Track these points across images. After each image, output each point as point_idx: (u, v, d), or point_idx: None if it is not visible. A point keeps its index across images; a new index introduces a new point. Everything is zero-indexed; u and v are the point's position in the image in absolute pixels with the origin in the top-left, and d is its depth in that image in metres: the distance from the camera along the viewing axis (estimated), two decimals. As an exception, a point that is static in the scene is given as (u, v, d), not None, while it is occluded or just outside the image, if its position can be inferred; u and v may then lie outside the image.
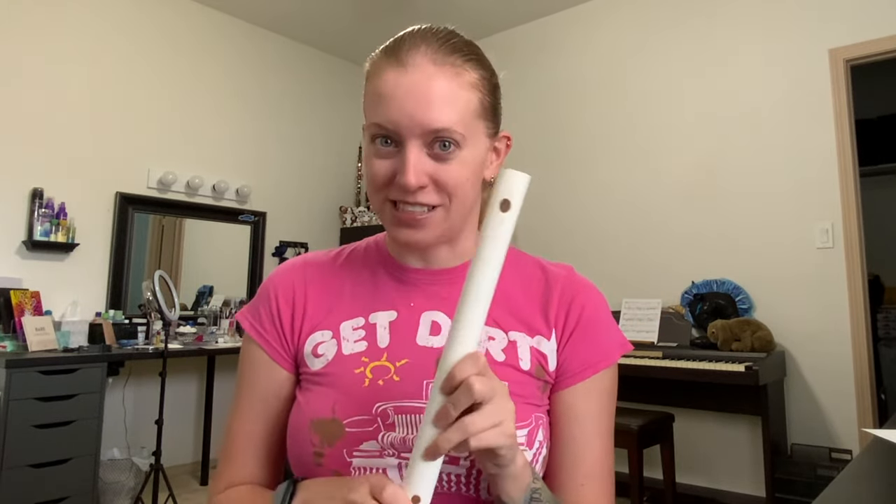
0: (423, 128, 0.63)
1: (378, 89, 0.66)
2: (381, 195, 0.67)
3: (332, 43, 4.62)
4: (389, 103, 0.64)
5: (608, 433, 0.71)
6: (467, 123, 0.65)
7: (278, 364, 0.73)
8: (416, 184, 0.63)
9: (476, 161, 0.68)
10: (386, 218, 0.68)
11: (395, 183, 0.65)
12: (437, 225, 0.67)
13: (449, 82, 0.64)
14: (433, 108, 0.63)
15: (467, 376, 0.51)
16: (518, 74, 4.18)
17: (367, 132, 0.68)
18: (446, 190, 0.65)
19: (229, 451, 0.74)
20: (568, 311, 0.72)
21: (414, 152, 0.64)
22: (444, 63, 0.65)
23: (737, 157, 3.22)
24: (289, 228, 4.42)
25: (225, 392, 3.79)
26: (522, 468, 0.57)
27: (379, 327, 0.71)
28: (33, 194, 3.17)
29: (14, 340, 2.87)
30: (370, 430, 0.64)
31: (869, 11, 2.90)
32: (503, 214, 0.54)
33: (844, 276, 2.85)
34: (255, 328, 0.75)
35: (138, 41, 3.68)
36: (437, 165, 0.65)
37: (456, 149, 0.65)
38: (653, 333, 3.20)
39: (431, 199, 0.65)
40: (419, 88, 0.63)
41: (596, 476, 0.69)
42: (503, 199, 0.54)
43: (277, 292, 0.75)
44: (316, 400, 0.68)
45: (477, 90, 0.68)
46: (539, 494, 0.58)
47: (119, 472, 3.00)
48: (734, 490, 3.04)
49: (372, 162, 0.67)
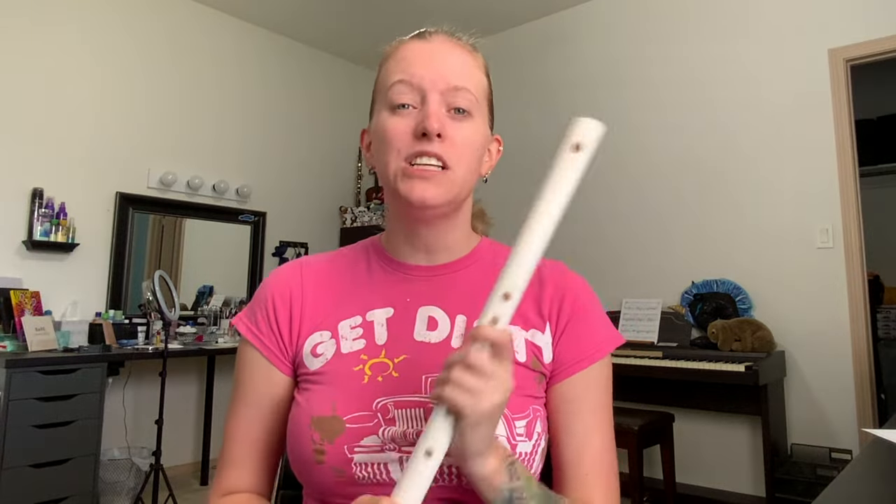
0: (446, 83, 0.68)
1: (400, 55, 0.71)
2: (397, 153, 0.68)
3: (333, 43, 4.62)
4: (413, 61, 0.70)
5: (608, 425, 0.72)
6: (479, 98, 0.71)
7: (276, 367, 0.73)
8: (438, 128, 0.66)
9: (480, 140, 0.72)
10: (399, 175, 0.68)
11: (413, 136, 0.67)
12: (446, 187, 0.68)
13: (466, 56, 0.72)
14: (455, 69, 0.70)
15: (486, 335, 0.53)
16: (519, 73, 4.18)
17: (385, 99, 0.70)
18: (456, 149, 0.68)
19: (228, 456, 0.74)
20: (561, 305, 0.73)
21: (436, 103, 0.68)
22: (461, 43, 0.73)
23: (737, 156, 3.22)
24: (289, 228, 4.42)
25: (225, 392, 3.79)
26: (495, 471, 0.57)
27: (376, 325, 0.72)
28: (33, 194, 3.17)
29: (14, 340, 2.87)
30: (371, 426, 0.65)
31: (869, 11, 2.90)
32: (574, 154, 0.53)
33: (844, 276, 2.85)
34: (251, 332, 0.75)
35: (138, 41, 3.68)
36: (454, 124, 0.69)
37: (469, 116, 0.70)
38: (653, 333, 3.20)
39: (445, 153, 0.67)
40: (443, 51, 0.71)
41: (600, 469, 0.69)
42: (576, 143, 0.53)
43: (274, 296, 0.75)
44: (316, 398, 0.68)
45: (486, 76, 0.75)
46: (521, 493, 0.58)
47: (119, 472, 3.00)
48: (734, 490, 3.04)
49: (390, 124, 0.69)
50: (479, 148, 0.71)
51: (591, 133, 0.54)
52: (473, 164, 0.71)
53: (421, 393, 0.66)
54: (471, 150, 0.70)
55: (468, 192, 0.73)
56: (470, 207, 0.78)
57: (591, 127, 0.54)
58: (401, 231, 0.75)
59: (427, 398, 0.66)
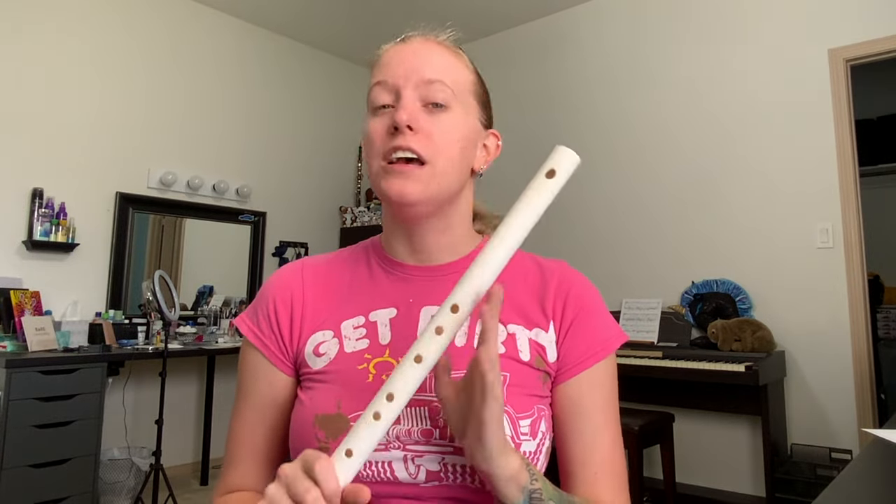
0: (419, 76, 0.69)
1: (383, 60, 0.72)
2: (376, 153, 0.69)
3: (333, 43, 4.63)
4: (390, 62, 0.71)
5: (615, 423, 0.72)
6: (460, 91, 0.71)
7: (277, 368, 0.73)
8: (408, 119, 0.66)
9: (466, 133, 0.71)
10: (380, 175, 0.69)
11: (388, 133, 0.68)
12: (424, 182, 0.68)
13: (445, 53, 0.72)
14: (429, 64, 0.70)
15: None
16: (519, 75, 4.18)
17: (368, 104, 0.72)
18: (432, 142, 0.68)
19: (231, 455, 0.75)
20: (565, 303, 0.73)
21: (409, 98, 0.68)
22: (444, 43, 0.73)
23: (737, 156, 3.22)
24: (289, 228, 4.42)
25: (225, 392, 3.79)
26: (517, 470, 0.56)
27: (380, 325, 0.72)
28: (33, 194, 3.17)
29: (14, 340, 2.87)
30: None
31: (869, 11, 2.90)
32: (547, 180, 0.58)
33: (844, 276, 2.85)
34: (253, 332, 0.75)
35: (139, 41, 3.68)
36: (429, 118, 0.68)
37: (448, 109, 0.69)
38: (653, 333, 3.20)
39: (418, 146, 0.67)
40: (419, 52, 0.71)
41: (610, 468, 0.69)
42: (550, 169, 0.58)
43: (276, 296, 0.75)
44: (320, 396, 0.68)
45: (472, 73, 0.74)
46: (539, 494, 0.58)
47: (119, 472, 3.00)
48: (734, 490, 3.04)
49: (370, 126, 0.70)
50: (460, 140, 0.70)
51: (566, 163, 0.58)
52: (456, 158, 0.70)
53: (426, 392, 0.66)
54: (449, 143, 0.69)
55: (458, 187, 0.72)
56: (469, 206, 0.77)
57: (567, 157, 0.58)
58: (396, 233, 0.75)
59: (432, 397, 0.66)
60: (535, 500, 0.57)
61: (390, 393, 0.54)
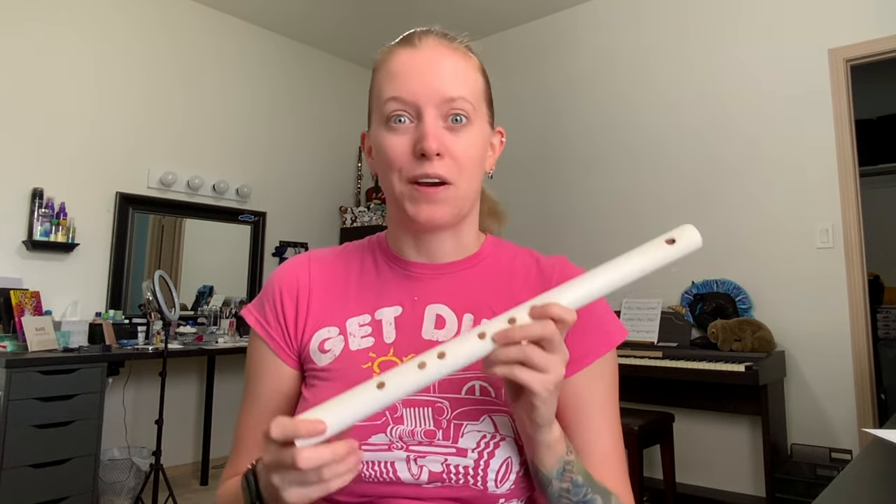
0: (441, 95, 0.67)
1: (392, 68, 0.70)
2: (398, 174, 0.69)
3: (333, 43, 4.62)
4: (406, 77, 0.68)
5: (615, 420, 0.72)
6: (476, 101, 0.70)
7: (282, 360, 0.74)
8: (437, 148, 0.65)
9: (482, 143, 0.72)
10: (405, 196, 0.69)
11: (413, 155, 0.67)
12: (451, 204, 0.69)
13: (458, 61, 0.71)
14: (448, 79, 0.68)
15: (559, 314, 0.54)
16: (519, 74, 4.18)
17: (380, 114, 0.70)
18: (458, 163, 0.68)
19: (236, 445, 0.76)
20: None
21: (432, 119, 0.67)
22: (452, 46, 0.72)
23: (736, 156, 3.22)
24: (289, 228, 4.42)
25: (225, 392, 3.79)
26: (558, 439, 0.60)
27: (385, 323, 0.72)
28: (33, 194, 3.17)
29: (14, 340, 2.87)
30: (379, 424, 0.65)
31: (869, 11, 2.90)
32: (666, 244, 0.59)
33: (844, 276, 2.85)
34: (259, 323, 0.76)
35: (139, 41, 3.68)
36: (451, 137, 0.68)
37: (468, 123, 0.69)
38: (653, 333, 3.20)
39: (447, 171, 0.67)
40: (433, 62, 0.69)
41: (609, 463, 0.70)
42: (672, 237, 0.59)
43: (282, 288, 0.76)
44: (324, 394, 0.68)
45: (481, 74, 0.74)
46: (571, 466, 0.61)
47: (119, 472, 3.00)
48: (734, 490, 3.04)
49: (388, 142, 0.69)
50: (480, 153, 0.71)
51: (689, 239, 0.60)
52: (476, 171, 0.71)
53: (429, 392, 0.66)
54: (472, 159, 0.70)
55: (475, 197, 0.74)
56: (477, 209, 0.78)
57: (691, 235, 0.60)
58: (405, 236, 0.76)
59: (436, 397, 0.65)
60: (567, 471, 0.60)
61: (442, 352, 0.54)
